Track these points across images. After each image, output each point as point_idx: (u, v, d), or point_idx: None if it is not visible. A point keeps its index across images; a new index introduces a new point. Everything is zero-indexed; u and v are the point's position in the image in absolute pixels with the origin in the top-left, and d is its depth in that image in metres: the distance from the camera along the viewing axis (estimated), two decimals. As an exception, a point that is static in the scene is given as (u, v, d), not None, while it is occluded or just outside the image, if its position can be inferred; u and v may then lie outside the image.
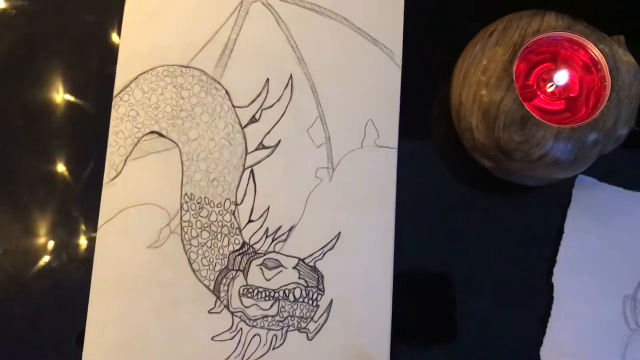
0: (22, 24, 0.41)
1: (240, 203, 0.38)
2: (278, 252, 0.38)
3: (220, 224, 0.38)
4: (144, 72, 0.40)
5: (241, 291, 0.38)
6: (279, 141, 0.39)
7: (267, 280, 0.38)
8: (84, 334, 0.37)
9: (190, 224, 0.38)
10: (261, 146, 0.39)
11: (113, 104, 0.39)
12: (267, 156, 0.39)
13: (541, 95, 0.36)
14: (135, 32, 0.40)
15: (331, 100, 0.39)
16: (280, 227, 0.38)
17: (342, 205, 0.38)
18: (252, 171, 0.39)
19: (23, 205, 0.39)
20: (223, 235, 0.38)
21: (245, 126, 0.39)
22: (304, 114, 0.39)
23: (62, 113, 0.40)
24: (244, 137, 0.39)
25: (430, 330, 0.38)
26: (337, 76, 0.40)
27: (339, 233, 0.38)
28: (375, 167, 0.39)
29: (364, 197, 0.38)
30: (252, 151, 0.39)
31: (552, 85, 0.35)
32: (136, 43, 0.40)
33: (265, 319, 0.37)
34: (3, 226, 0.39)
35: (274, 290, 0.38)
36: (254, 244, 0.38)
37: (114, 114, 0.39)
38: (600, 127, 0.33)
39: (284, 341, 0.37)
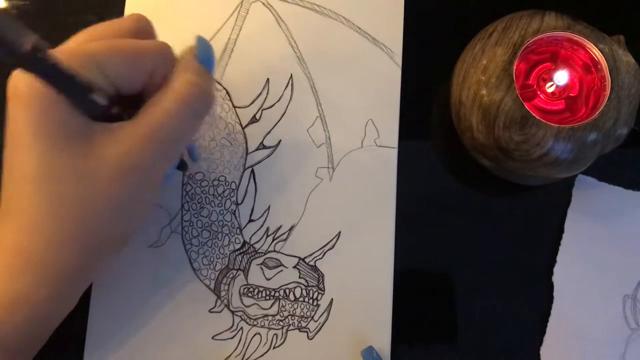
0: (22, 24, 0.41)
1: (241, 203, 0.39)
2: (278, 252, 0.38)
3: (220, 223, 0.38)
4: (144, 72, 0.40)
5: (242, 290, 0.38)
6: (280, 141, 0.39)
7: (268, 279, 0.38)
8: (84, 334, 0.37)
9: (191, 224, 0.38)
10: (262, 146, 0.39)
11: (113, 103, 0.39)
12: (268, 156, 0.39)
13: (541, 95, 0.36)
14: (135, 32, 0.40)
15: (331, 100, 0.40)
16: (280, 227, 0.38)
17: (343, 205, 0.38)
18: (252, 171, 0.39)
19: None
20: (224, 235, 0.38)
21: (246, 126, 0.39)
22: (304, 113, 0.39)
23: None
24: (245, 137, 0.39)
25: (431, 330, 0.38)
26: (337, 76, 0.40)
27: (339, 232, 0.38)
28: (376, 166, 0.39)
29: (365, 196, 0.39)
30: (253, 151, 0.39)
31: (552, 85, 0.36)
32: (136, 43, 0.40)
33: (265, 318, 0.37)
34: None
35: (274, 289, 0.38)
36: (255, 243, 0.38)
37: (114, 113, 0.39)
38: (600, 127, 0.33)
39: (284, 340, 0.37)
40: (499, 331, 0.38)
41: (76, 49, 0.28)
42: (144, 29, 0.32)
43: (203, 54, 0.31)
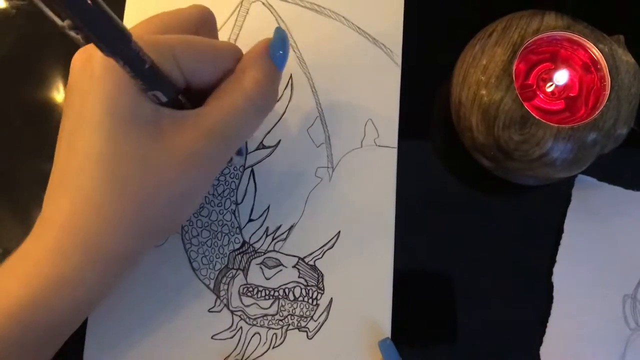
0: (22, 24, 0.41)
1: (241, 202, 0.39)
2: (278, 251, 0.38)
3: (220, 223, 0.38)
4: (144, 72, 0.40)
5: (241, 290, 0.38)
6: (279, 141, 0.39)
7: (267, 279, 0.38)
8: (83, 333, 0.37)
9: (191, 223, 0.38)
10: (261, 146, 0.39)
11: (113, 103, 0.39)
12: (267, 156, 0.39)
13: (541, 95, 0.36)
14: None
15: (331, 100, 0.40)
16: (280, 226, 0.38)
17: (342, 205, 0.38)
18: (252, 171, 0.39)
19: (23, 205, 0.39)
20: (223, 235, 0.38)
21: (246, 126, 0.39)
22: (304, 113, 0.39)
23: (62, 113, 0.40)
24: (244, 137, 0.39)
25: (430, 330, 0.38)
26: (337, 76, 0.40)
27: (339, 232, 0.38)
28: (375, 166, 0.39)
29: (364, 196, 0.39)
30: (253, 151, 0.39)
31: (551, 85, 0.36)
32: (136, 43, 0.40)
33: (265, 317, 0.37)
34: (3, 226, 0.39)
35: (273, 289, 0.38)
36: (254, 243, 0.38)
37: (114, 113, 0.39)
38: (600, 127, 0.33)
39: (284, 340, 0.37)
40: (499, 331, 0.38)
41: (156, 38, 0.28)
42: (208, 21, 0.32)
43: (278, 49, 0.31)
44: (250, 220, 0.38)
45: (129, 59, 0.25)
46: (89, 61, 0.28)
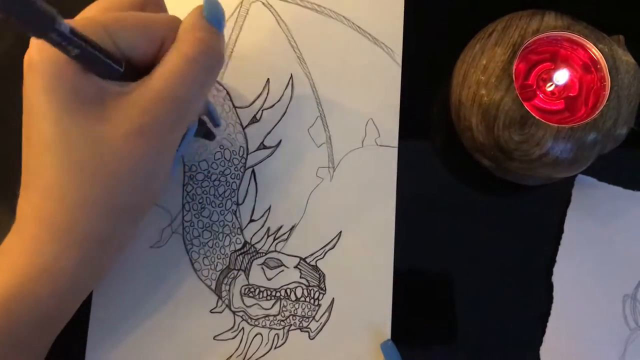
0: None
1: (242, 203, 0.39)
2: (279, 252, 0.38)
3: (221, 223, 0.38)
4: (144, 73, 0.40)
5: (243, 291, 0.38)
6: (280, 141, 0.39)
7: (269, 279, 0.38)
8: (85, 334, 0.37)
9: (192, 224, 0.38)
10: (262, 146, 0.39)
11: (114, 104, 0.39)
12: (268, 156, 0.39)
13: (541, 95, 0.36)
14: (135, 33, 0.40)
15: (332, 100, 0.40)
16: (281, 227, 0.38)
17: (343, 205, 0.38)
18: (253, 171, 0.39)
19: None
20: (224, 235, 0.38)
21: (246, 126, 0.39)
22: (305, 113, 0.39)
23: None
24: (245, 138, 0.39)
25: (431, 330, 0.38)
26: (338, 75, 0.40)
27: (340, 232, 0.38)
28: (376, 166, 0.39)
29: (365, 196, 0.39)
30: (253, 151, 0.39)
31: (551, 85, 0.36)
32: (136, 43, 0.40)
33: (267, 318, 0.37)
34: (3, 226, 0.39)
35: (275, 289, 0.38)
36: (256, 243, 0.38)
37: (114, 114, 0.39)
38: (600, 127, 0.33)
39: (285, 340, 0.37)
40: (499, 331, 0.38)
41: (88, 18, 0.29)
42: (153, 0, 0.32)
43: (211, 12, 0.30)
44: (251, 220, 0.38)
45: (58, 40, 0.25)
46: (29, 55, 0.28)
